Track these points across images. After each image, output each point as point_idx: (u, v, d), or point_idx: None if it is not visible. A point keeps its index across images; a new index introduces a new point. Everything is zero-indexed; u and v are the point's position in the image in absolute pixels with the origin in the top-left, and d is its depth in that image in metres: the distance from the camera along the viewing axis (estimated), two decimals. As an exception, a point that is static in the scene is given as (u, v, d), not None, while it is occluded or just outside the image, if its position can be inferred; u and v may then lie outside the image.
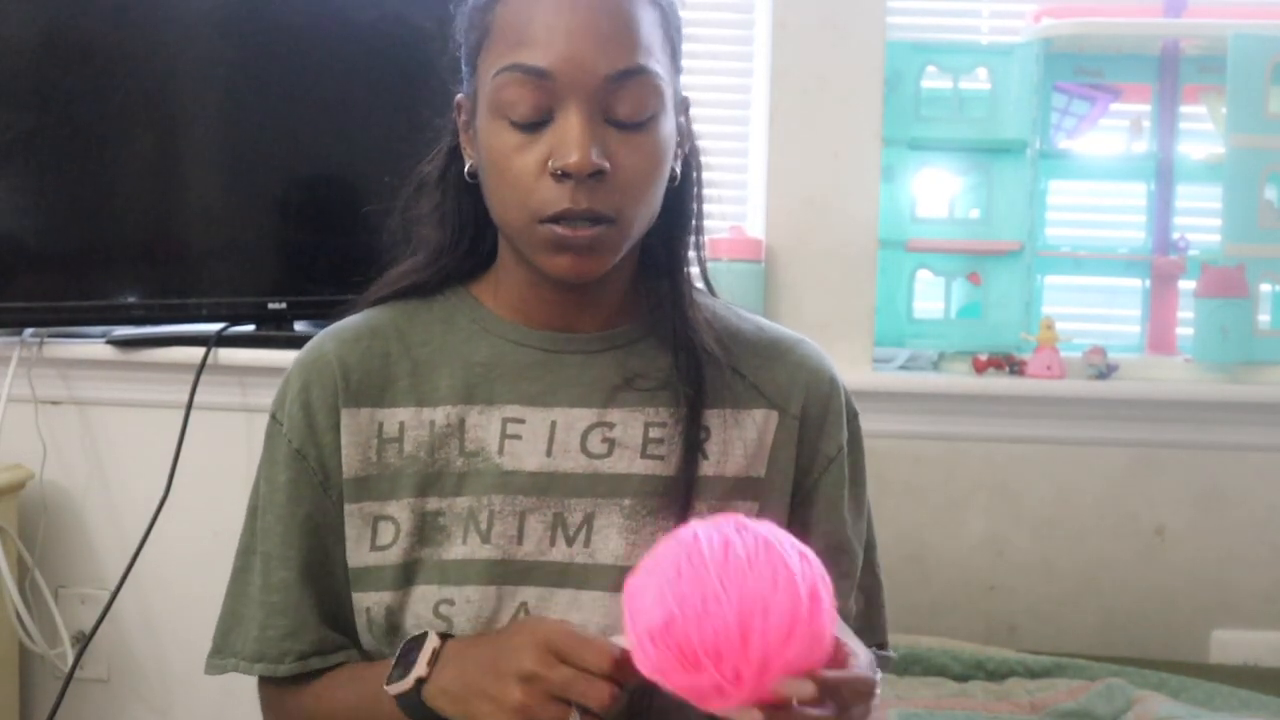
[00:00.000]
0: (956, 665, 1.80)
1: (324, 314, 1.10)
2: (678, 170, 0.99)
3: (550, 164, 0.90)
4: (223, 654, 1.04)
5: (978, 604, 2.05)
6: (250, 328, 1.93)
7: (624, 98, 0.91)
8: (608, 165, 0.90)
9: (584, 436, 0.99)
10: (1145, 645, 2.01)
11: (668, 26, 0.96)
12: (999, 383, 2.01)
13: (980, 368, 2.03)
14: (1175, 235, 2.15)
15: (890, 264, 2.09)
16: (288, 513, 1.01)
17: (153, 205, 1.92)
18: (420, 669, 0.90)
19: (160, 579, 1.95)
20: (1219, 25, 2.03)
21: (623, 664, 0.83)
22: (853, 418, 1.08)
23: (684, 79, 1.01)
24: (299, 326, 1.94)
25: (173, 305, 1.91)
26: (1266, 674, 1.88)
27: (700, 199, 1.04)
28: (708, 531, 0.81)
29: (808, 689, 0.77)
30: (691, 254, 1.04)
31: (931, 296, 2.14)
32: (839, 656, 0.83)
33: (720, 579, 0.78)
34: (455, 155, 1.03)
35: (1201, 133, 2.15)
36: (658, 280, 1.02)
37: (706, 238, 1.05)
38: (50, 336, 1.94)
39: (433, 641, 0.91)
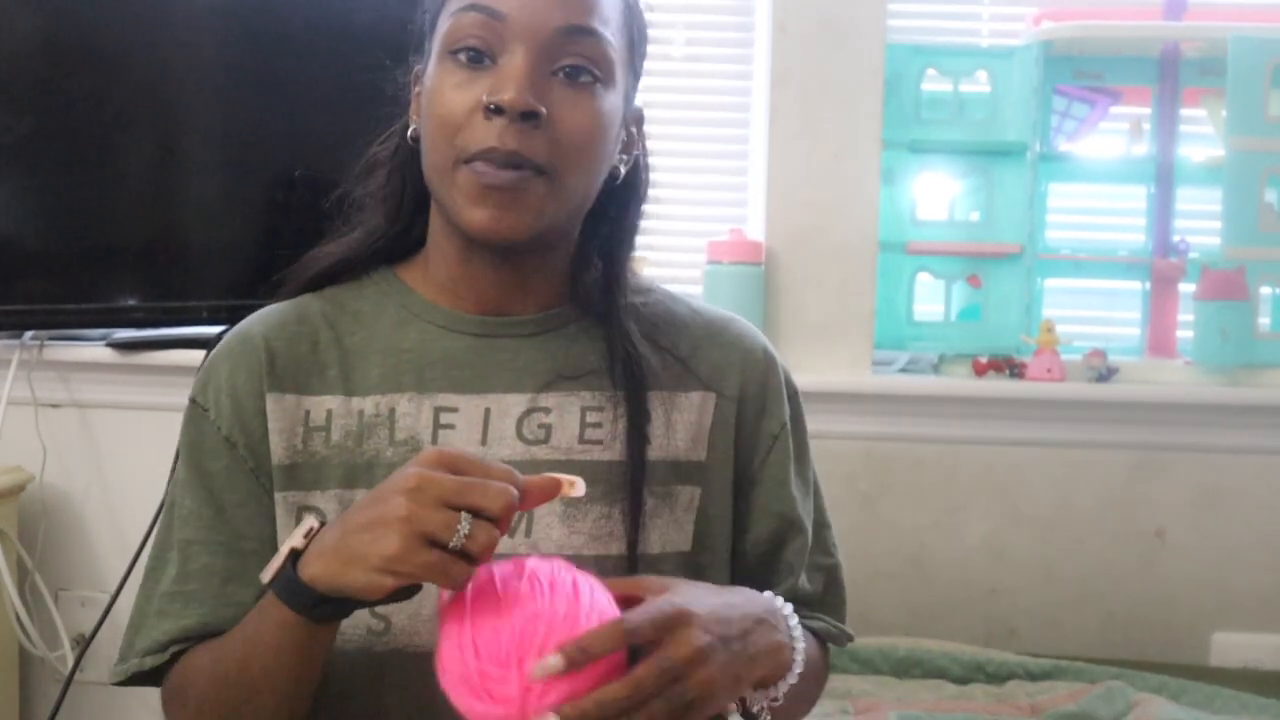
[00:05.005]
0: (957, 668, 1.80)
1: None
2: (621, 170, 0.99)
3: (485, 98, 0.89)
4: (126, 658, 0.96)
5: (978, 606, 2.04)
6: (250, 330, 1.93)
7: (572, 53, 0.91)
8: (543, 110, 0.89)
9: (519, 423, 0.97)
10: (1145, 648, 2.01)
11: (630, 18, 0.97)
12: (999, 385, 2.01)
13: (980, 370, 2.03)
14: (1175, 238, 2.15)
15: (890, 267, 2.09)
16: (219, 499, 0.96)
17: (153, 207, 1.92)
18: (295, 540, 0.81)
19: (160, 581, 1.95)
20: (1219, 28, 2.03)
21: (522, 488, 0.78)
22: (793, 394, 1.06)
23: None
24: (299, 329, 1.94)
25: (173, 308, 1.91)
26: (1267, 677, 1.88)
27: (639, 208, 1.02)
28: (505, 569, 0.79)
29: (552, 663, 0.74)
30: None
31: (932, 299, 2.14)
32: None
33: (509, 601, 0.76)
34: (406, 133, 1.02)
35: (1201, 135, 2.16)
36: (592, 266, 1.01)
37: (638, 252, 1.04)
38: (50, 339, 1.94)
39: (309, 521, 0.83)
